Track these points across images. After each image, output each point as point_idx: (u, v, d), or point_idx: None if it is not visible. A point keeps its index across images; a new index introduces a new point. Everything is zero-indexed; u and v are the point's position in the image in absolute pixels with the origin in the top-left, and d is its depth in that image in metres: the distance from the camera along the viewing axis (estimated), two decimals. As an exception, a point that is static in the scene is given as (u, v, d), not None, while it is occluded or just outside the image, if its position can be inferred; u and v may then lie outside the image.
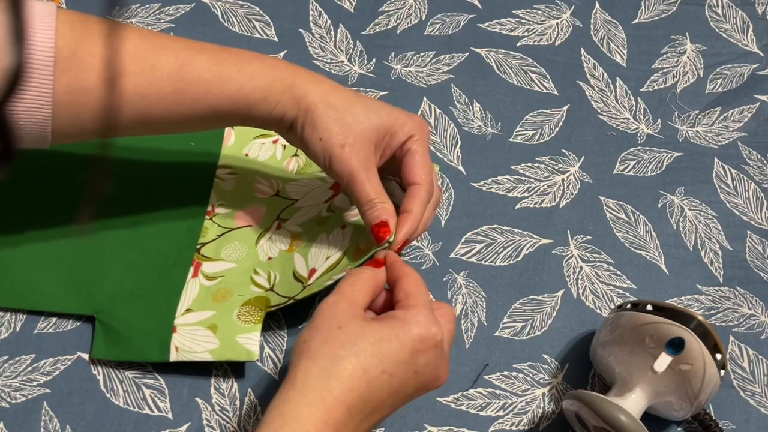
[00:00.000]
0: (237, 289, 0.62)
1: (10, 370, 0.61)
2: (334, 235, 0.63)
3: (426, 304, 0.50)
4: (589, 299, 0.65)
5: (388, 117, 0.57)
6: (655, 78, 0.76)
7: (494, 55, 0.76)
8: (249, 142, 0.70)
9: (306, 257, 0.63)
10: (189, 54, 0.55)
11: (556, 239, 0.68)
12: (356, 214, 0.62)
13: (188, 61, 0.55)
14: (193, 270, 0.63)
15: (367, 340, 0.47)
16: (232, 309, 0.60)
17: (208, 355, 0.59)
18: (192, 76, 0.55)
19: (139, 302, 0.62)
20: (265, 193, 0.67)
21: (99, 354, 0.61)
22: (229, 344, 0.59)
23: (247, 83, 0.55)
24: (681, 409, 0.56)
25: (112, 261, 0.64)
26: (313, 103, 0.55)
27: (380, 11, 0.78)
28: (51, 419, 0.60)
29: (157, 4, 0.78)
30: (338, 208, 0.64)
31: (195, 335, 0.60)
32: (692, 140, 0.73)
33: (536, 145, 0.72)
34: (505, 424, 0.61)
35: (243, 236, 0.65)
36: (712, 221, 0.69)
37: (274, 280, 0.62)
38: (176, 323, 0.60)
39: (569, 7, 0.79)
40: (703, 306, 0.65)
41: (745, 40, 0.78)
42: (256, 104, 0.56)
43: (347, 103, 0.56)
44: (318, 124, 0.55)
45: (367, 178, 0.56)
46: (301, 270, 0.62)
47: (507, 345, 0.64)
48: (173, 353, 0.59)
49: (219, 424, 0.60)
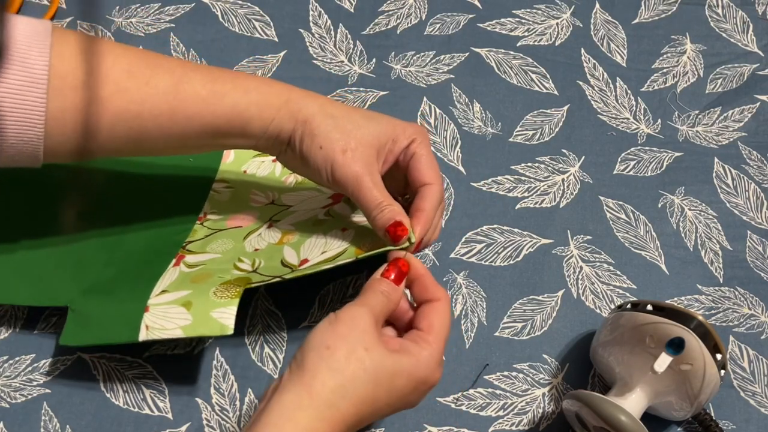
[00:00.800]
0: (217, 273, 0.59)
1: (10, 370, 0.61)
2: (332, 235, 0.60)
3: (443, 341, 0.51)
4: (589, 299, 0.65)
5: (388, 124, 0.57)
6: (655, 78, 0.76)
7: (494, 55, 0.76)
8: (248, 160, 0.69)
9: (297, 250, 0.60)
10: (184, 71, 0.55)
11: (556, 239, 0.68)
12: (360, 219, 0.60)
13: (183, 78, 0.54)
14: (175, 261, 0.62)
15: (386, 371, 0.48)
16: (209, 288, 0.57)
17: (180, 332, 0.55)
18: (187, 93, 0.54)
19: (115, 291, 0.61)
20: (260, 202, 0.67)
21: (67, 340, 0.58)
22: (203, 319, 0.55)
23: (243, 99, 0.55)
24: (681, 409, 0.56)
25: (95, 259, 0.63)
26: (311, 113, 0.55)
27: (380, 11, 0.78)
28: (51, 419, 0.60)
29: (157, 4, 0.78)
30: (338, 213, 0.63)
31: (167, 313, 0.56)
32: (692, 140, 0.73)
33: (536, 145, 0.72)
34: (505, 424, 0.61)
35: (231, 234, 0.64)
36: (712, 221, 0.69)
37: (258, 265, 0.60)
38: (149, 303, 0.58)
39: (569, 7, 0.79)
40: (703, 306, 0.65)
41: (745, 40, 0.78)
42: (252, 120, 0.55)
43: (345, 113, 0.56)
44: (317, 132, 0.54)
45: (373, 182, 0.54)
46: (290, 259, 0.59)
47: (507, 345, 0.64)
48: (143, 332, 0.56)
49: (219, 424, 0.60)
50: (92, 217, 0.65)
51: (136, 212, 0.66)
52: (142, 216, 0.66)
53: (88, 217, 0.65)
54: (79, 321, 0.59)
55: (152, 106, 0.53)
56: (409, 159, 0.57)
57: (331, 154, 0.54)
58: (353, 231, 0.59)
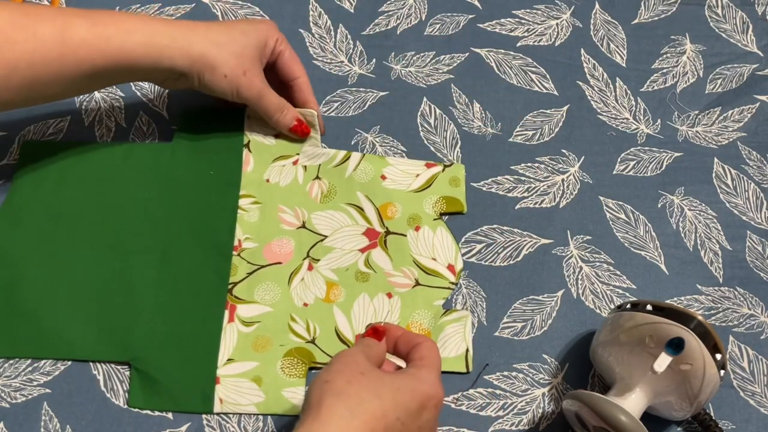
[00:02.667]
0: (276, 337, 0.62)
1: (10, 370, 0.61)
2: (378, 301, 0.63)
3: (438, 367, 0.53)
4: (589, 299, 0.65)
5: (257, 32, 0.64)
6: (655, 78, 0.76)
7: (494, 55, 0.76)
8: (268, 165, 0.68)
9: (348, 316, 0.63)
10: (66, 19, 0.58)
11: (556, 239, 0.68)
12: (398, 279, 0.64)
13: (67, 25, 0.58)
14: (228, 314, 0.62)
15: (388, 387, 0.49)
16: (275, 360, 0.61)
17: (254, 408, 0.59)
18: (74, 39, 0.58)
19: (175, 348, 0.61)
20: (290, 224, 0.66)
21: (137, 403, 0.60)
22: (275, 398, 0.60)
23: (128, 40, 0.59)
24: (681, 409, 0.56)
25: (142, 304, 0.62)
26: (203, 48, 0.61)
27: (380, 11, 0.78)
28: (51, 419, 0.60)
29: (157, 4, 0.78)
30: (379, 267, 0.65)
31: (240, 387, 0.60)
32: (692, 140, 0.73)
33: (536, 145, 0.72)
34: (505, 424, 0.61)
35: (274, 275, 0.64)
36: (712, 221, 0.69)
37: (314, 333, 0.62)
38: (219, 374, 0.60)
39: (569, 8, 0.79)
40: (703, 306, 0.65)
41: (745, 40, 0.78)
42: (140, 60, 0.60)
43: (228, 36, 0.62)
44: (216, 64, 0.62)
45: (271, 91, 0.66)
46: (344, 329, 0.62)
47: (507, 345, 0.64)
48: (217, 404, 0.59)
49: (219, 424, 0.60)
50: (128, 250, 0.64)
51: (169, 241, 0.65)
52: (175, 244, 0.65)
53: (124, 257, 0.64)
54: (147, 384, 0.60)
55: (43, 55, 0.57)
56: (276, 58, 0.67)
57: (236, 79, 0.63)
58: (399, 300, 0.63)
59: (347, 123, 0.72)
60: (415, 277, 0.64)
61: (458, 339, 0.62)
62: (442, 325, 0.63)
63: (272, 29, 0.66)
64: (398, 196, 0.67)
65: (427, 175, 0.69)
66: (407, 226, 0.66)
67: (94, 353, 0.61)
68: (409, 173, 0.69)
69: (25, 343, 0.61)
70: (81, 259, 0.64)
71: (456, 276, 0.65)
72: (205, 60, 0.61)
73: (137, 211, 0.66)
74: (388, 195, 0.67)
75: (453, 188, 0.68)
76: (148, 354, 0.61)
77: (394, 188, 0.68)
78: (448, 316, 0.63)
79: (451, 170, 0.69)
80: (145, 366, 0.60)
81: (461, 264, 0.65)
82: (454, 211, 0.68)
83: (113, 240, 0.65)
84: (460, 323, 0.63)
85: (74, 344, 0.61)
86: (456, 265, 0.65)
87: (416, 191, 0.68)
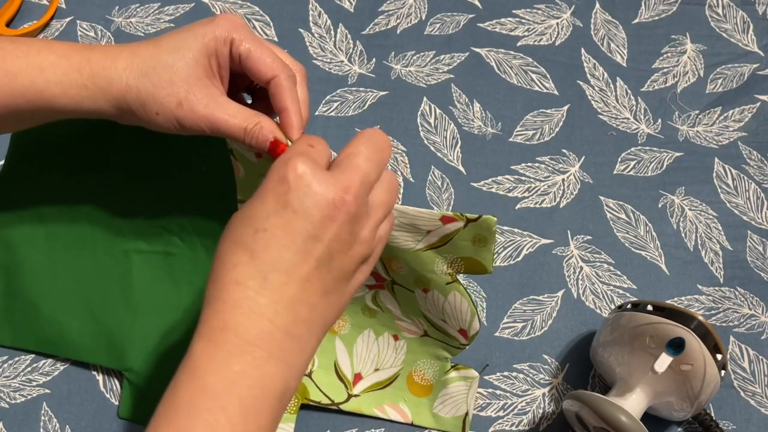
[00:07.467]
0: None
1: (10, 370, 0.61)
2: (383, 340, 0.61)
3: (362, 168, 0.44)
4: (589, 299, 0.65)
5: (198, 43, 0.51)
6: (656, 78, 0.76)
7: (494, 55, 0.76)
8: (257, 180, 0.64)
9: (350, 351, 0.61)
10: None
11: (556, 239, 0.68)
12: (406, 324, 0.60)
13: None
14: None
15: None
16: None
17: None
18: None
19: (168, 363, 0.59)
20: None
21: (126, 414, 0.60)
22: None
23: (39, 78, 0.50)
24: (681, 409, 0.56)
25: (141, 314, 0.61)
26: (123, 85, 0.50)
27: (380, 11, 0.78)
28: (50, 419, 0.60)
29: (157, 3, 0.78)
30: (386, 308, 0.60)
31: None
32: (692, 140, 0.73)
33: (536, 145, 0.72)
34: (505, 424, 0.61)
35: None
36: (713, 221, 0.69)
37: (313, 364, 0.61)
38: None
39: (569, 7, 0.79)
40: (704, 306, 0.65)
41: (745, 40, 0.78)
42: (56, 99, 0.50)
43: (153, 61, 0.50)
44: (143, 99, 0.50)
45: (225, 113, 0.50)
46: (344, 366, 0.61)
47: (507, 345, 0.63)
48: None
49: (219, 425, 0.60)
50: (130, 258, 0.63)
51: (170, 249, 0.62)
52: (177, 253, 0.62)
53: (128, 260, 0.62)
54: (137, 396, 0.60)
55: None
56: (240, 60, 0.51)
57: (170, 113, 0.50)
58: (405, 344, 0.61)
59: (347, 123, 0.72)
60: (423, 329, 0.60)
61: (460, 400, 0.60)
62: (447, 381, 0.61)
63: (223, 28, 0.51)
64: (402, 254, 0.54)
65: (441, 233, 0.52)
66: (414, 285, 0.57)
67: (90, 357, 0.61)
68: (418, 229, 0.52)
69: (25, 333, 0.61)
70: (80, 259, 0.63)
71: (468, 339, 0.58)
72: (127, 99, 0.50)
73: (136, 194, 0.62)
74: (390, 251, 0.54)
75: (477, 248, 0.52)
76: (142, 367, 0.60)
77: (397, 245, 0.53)
78: (456, 372, 0.61)
79: (476, 226, 0.51)
80: (137, 379, 0.60)
81: (476, 329, 0.57)
82: (475, 273, 0.54)
83: (112, 239, 0.63)
84: (466, 383, 0.60)
85: (71, 345, 0.61)
86: (469, 330, 0.57)
87: (424, 250, 0.53)
